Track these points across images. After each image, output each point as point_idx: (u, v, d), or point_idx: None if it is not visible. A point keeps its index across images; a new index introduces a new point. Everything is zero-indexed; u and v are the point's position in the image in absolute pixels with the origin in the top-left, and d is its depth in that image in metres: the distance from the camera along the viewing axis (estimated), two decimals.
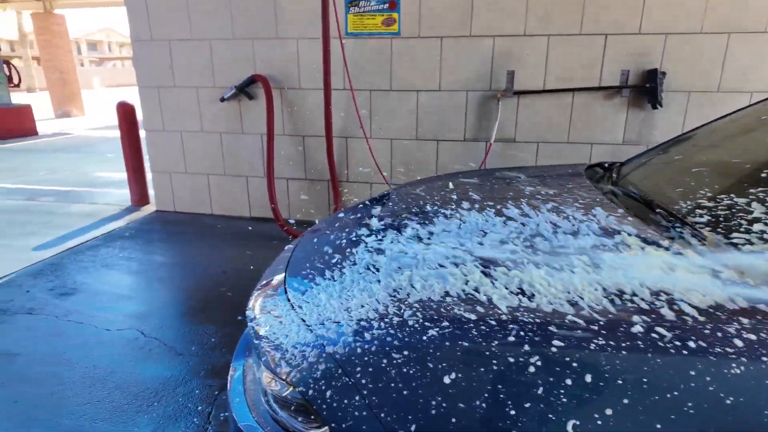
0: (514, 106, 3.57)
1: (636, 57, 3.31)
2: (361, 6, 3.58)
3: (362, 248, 1.34)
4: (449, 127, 3.73)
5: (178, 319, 2.59)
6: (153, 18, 3.96)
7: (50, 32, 14.02)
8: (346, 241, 1.44)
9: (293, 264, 1.43)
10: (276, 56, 3.83)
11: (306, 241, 1.61)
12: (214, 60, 3.96)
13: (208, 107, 4.09)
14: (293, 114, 3.96)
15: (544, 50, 3.42)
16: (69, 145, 8.93)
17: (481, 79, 3.57)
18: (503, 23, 3.42)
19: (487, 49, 3.49)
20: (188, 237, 3.86)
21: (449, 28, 3.50)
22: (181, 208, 4.45)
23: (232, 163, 4.20)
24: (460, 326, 0.92)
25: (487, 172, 2.11)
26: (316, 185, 4.12)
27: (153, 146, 4.32)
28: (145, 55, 4.08)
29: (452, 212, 1.44)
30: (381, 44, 3.65)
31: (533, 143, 3.63)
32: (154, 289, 2.96)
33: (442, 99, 3.67)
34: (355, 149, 3.95)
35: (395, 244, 1.32)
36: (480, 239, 1.25)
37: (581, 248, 1.15)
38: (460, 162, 3.77)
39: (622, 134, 3.48)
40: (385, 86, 3.74)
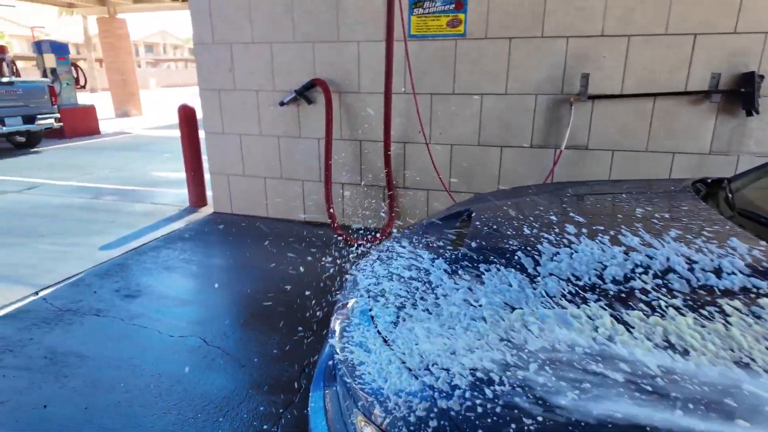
0: (588, 112, 3.34)
1: (729, 59, 3.00)
2: (426, 7, 3.46)
3: (455, 274, 1.21)
4: (515, 133, 3.54)
5: (239, 327, 2.55)
6: (215, 21, 3.99)
7: (113, 35, 14.75)
8: (434, 262, 1.32)
9: (375, 286, 1.33)
10: (336, 59, 3.77)
11: (385, 258, 1.50)
12: (274, 63, 3.94)
13: (267, 111, 4.09)
14: (351, 118, 3.89)
15: (623, 52, 3.17)
16: (129, 144, 9.31)
17: (552, 82, 3.36)
18: (578, 23, 3.19)
19: (559, 50, 3.28)
20: (245, 240, 3.86)
21: (519, 29, 3.31)
22: (237, 210, 4.48)
23: (288, 167, 4.18)
24: (607, 390, 0.77)
25: (579, 185, 1.93)
26: (371, 191, 4.03)
27: (212, 148, 4.37)
28: (206, 59, 4.12)
29: (557, 237, 1.29)
30: (444, 46, 3.50)
31: (607, 151, 3.38)
32: (213, 293, 2.96)
33: (508, 103, 3.49)
34: (413, 155, 3.82)
35: (495, 272, 1.18)
36: (598, 273, 1.10)
37: (730, 291, 0.98)
38: (526, 169, 3.57)
39: (709, 143, 3.18)
40: (447, 90, 3.59)
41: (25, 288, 2.97)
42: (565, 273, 1.11)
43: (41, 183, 5.90)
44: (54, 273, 3.18)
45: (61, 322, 2.56)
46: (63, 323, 2.55)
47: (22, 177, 6.24)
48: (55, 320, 2.58)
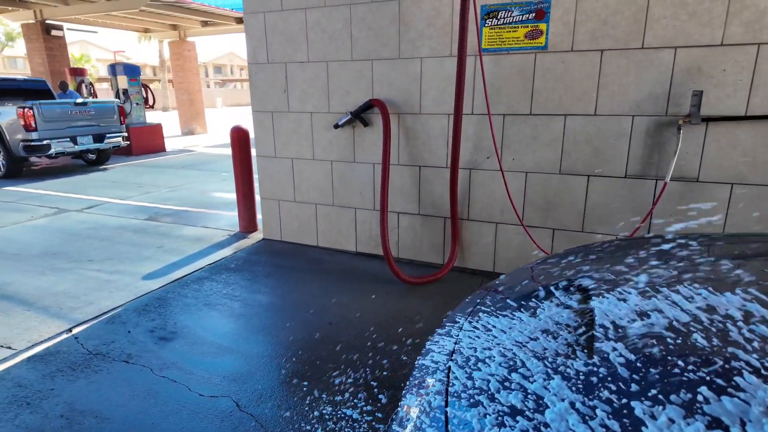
0: (701, 136, 2.75)
1: None
2: (501, 17, 3.03)
3: (590, 416, 0.76)
4: (605, 160, 2.99)
5: (278, 388, 2.19)
6: (270, 39, 3.78)
7: (182, 57, 15.46)
8: (549, 383, 0.87)
9: (459, 373, 0.90)
10: (396, 78, 3.41)
11: (467, 354, 1.07)
12: (330, 83, 3.65)
13: (321, 133, 3.79)
14: (410, 142, 3.50)
15: (750, 64, 2.57)
16: (190, 163, 9.49)
17: (653, 101, 2.80)
18: (690, 30, 2.64)
19: (665, 63, 2.73)
20: (294, 273, 3.55)
21: (613, 39, 2.80)
22: (287, 237, 4.20)
23: (341, 194, 3.85)
24: None
25: (734, 239, 1.39)
26: (430, 221, 3.60)
27: (263, 172, 4.13)
28: (260, 79, 3.91)
29: (766, 364, 0.79)
30: (522, 60, 3.05)
31: (725, 185, 2.76)
32: (255, 341, 2.63)
33: (597, 125, 2.96)
34: (480, 183, 3.36)
35: (660, 424, 0.71)
36: None
37: None
38: (619, 203, 3.00)
39: None
40: (523, 110, 3.12)
41: (61, 322, 2.79)
42: None
43: (102, 202, 5.97)
44: (93, 306, 3.00)
45: (87, 369, 2.31)
46: (89, 371, 2.30)
47: (86, 195, 6.38)
48: (82, 366, 2.34)
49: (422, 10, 3.23)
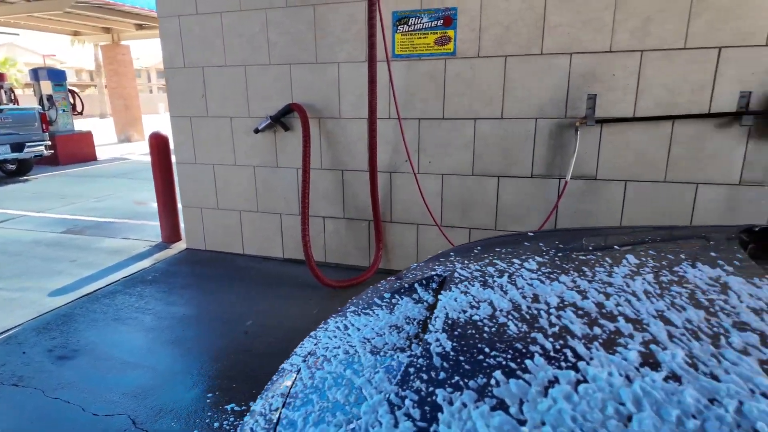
0: (596, 137, 2.92)
1: (761, 75, 2.58)
2: (411, 24, 3.10)
3: (398, 407, 0.78)
4: (514, 161, 3.12)
5: (183, 401, 2.12)
6: (186, 43, 3.68)
7: (117, 61, 14.77)
8: (373, 377, 0.89)
9: (289, 408, 0.90)
10: (315, 82, 3.42)
11: (320, 353, 1.08)
12: (249, 87, 3.60)
13: (242, 138, 3.73)
14: (332, 146, 3.51)
15: (635, 69, 2.77)
16: (122, 172, 9.05)
17: (554, 105, 2.96)
18: (583, 38, 2.81)
19: (562, 68, 2.89)
20: (215, 282, 3.46)
21: (516, 46, 2.94)
22: (212, 246, 4.09)
23: (266, 199, 3.80)
24: None
25: (575, 234, 1.49)
26: (355, 225, 3.62)
27: (184, 179, 4.01)
28: (178, 83, 3.80)
29: (557, 344, 0.85)
30: (433, 66, 3.13)
31: (620, 182, 2.95)
32: (164, 355, 2.54)
33: (505, 128, 3.09)
34: (401, 186, 3.42)
35: (456, 410, 0.75)
36: (622, 427, 0.66)
37: None
38: (528, 202, 3.14)
39: (740, 172, 2.73)
40: (436, 114, 3.21)
41: None
42: (566, 424, 0.68)
43: (17, 215, 5.58)
44: None
45: None
46: None
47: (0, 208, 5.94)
48: None
49: (338, 16, 3.25)
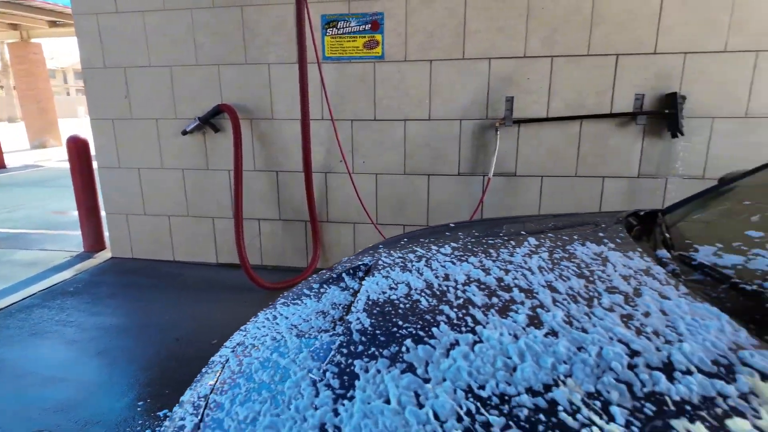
0: (515, 136, 3.15)
1: (652, 80, 2.92)
2: (340, 27, 3.18)
3: (319, 379, 0.85)
4: (442, 160, 3.29)
5: (111, 411, 2.05)
6: (107, 43, 3.52)
7: (28, 61, 13.61)
8: (297, 357, 0.95)
9: (217, 393, 0.94)
10: (245, 83, 3.40)
11: (249, 342, 1.12)
12: (175, 89, 3.51)
13: (169, 141, 3.62)
14: (266, 147, 3.50)
15: (547, 73, 3.02)
16: (36, 180, 8.38)
17: (477, 107, 3.15)
18: (500, 44, 3.02)
19: (483, 72, 3.09)
20: (144, 290, 3.33)
21: (440, 50, 3.10)
22: (139, 254, 3.92)
23: (196, 203, 3.71)
24: None
25: (492, 224, 1.63)
26: (292, 226, 3.63)
27: (107, 184, 3.82)
28: (98, 84, 3.62)
29: (460, 313, 0.96)
30: (363, 69, 3.23)
31: (536, 177, 3.19)
32: (90, 367, 2.42)
33: (433, 129, 3.24)
34: (336, 186, 3.48)
35: (371, 376, 0.83)
36: (508, 376, 0.77)
37: (687, 403, 0.67)
38: (457, 198, 3.32)
39: (638, 166, 3.06)
40: (368, 116, 3.31)
41: None
42: (463, 377, 0.78)
43: None
44: None
45: None
46: None
47: None
48: None
49: (267, 18, 3.26)
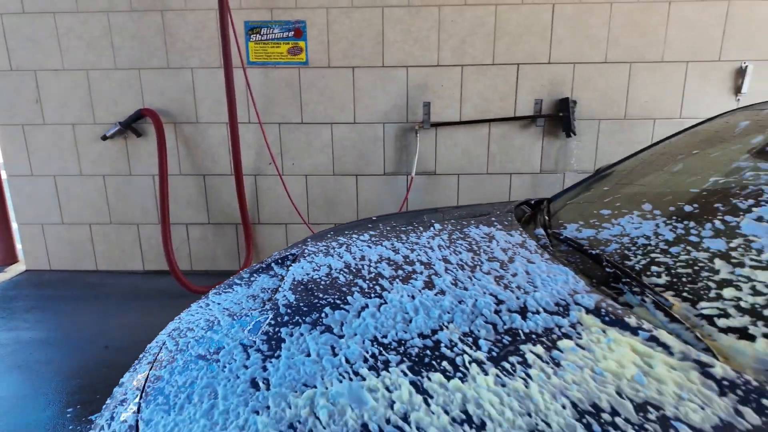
0: (433, 139, 3.42)
1: (548, 86, 3.31)
2: (264, 34, 3.27)
3: (251, 345, 1.00)
4: (368, 161, 3.49)
5: (37, 422, 2.01)
6: (12, 44, 3.35)
7: None
8: (228, 333, 1.08)
9: (156, 369, 1.05)
10: (168, 88, 3.39)
11: (183, 326, 1.23)
12: (93, 93, 3.41)
13: (88, 146, 3.51)
14: (191, 151, 3.51)
15: (458, 81, 3.32)
16: None
17: (397, 111, 3.38)
18: (416, 54, 3.28)
19: (401, 79, 3.33)
20: (65, 302, 3.20)
21: (361, 58, 3.30)
22: (58, 265, 3.74)
23: (119, 210, 3.62)
24: None
25: (408, 216, 1.85)
26: (222, 229, 3.66)
27: (19, 194, 3.62)
28: (4, 88, 3.43)
29: (371, 284, 1.14)
30: (288, 74, 3.35)
31: (453, 175, 3.49)
32: (9, 380, 2.33)
33: (358, 132, 3.43)
34: (266, 188, 3.57)
35: (295, 338, 0.99)
36: (405, 327, 0.96)
37: (533, 333, 0.90)
38: (383, 197, 3.53)
39: (540, 163, 3.45)
40: (296, 119, 3.43)
41: None
42: (370, 331, 0.96)
43: None
44: None
45: None
46: None
47: None
48: None
49: (187, 23, 3.28)
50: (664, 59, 3.22)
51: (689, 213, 1.20)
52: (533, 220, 1.70)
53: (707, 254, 1.02)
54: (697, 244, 1.07)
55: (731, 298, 0.90)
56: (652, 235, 1.18)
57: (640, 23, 3.17)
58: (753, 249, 0.97)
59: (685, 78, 3.25)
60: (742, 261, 0.95)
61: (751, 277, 0.92)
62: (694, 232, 1.11)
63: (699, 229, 1.11)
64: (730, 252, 0.99)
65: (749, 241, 0.99)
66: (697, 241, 1.07)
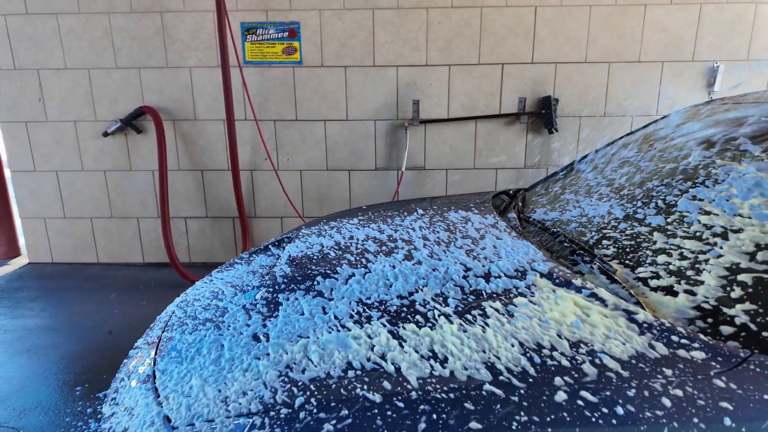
0: (422, 135, 3.58)
1: (531, 85, 3.47)
2: (259, 34, 3.41)
3: (252, 309, 1.14)
4: (360, 157, 3.63)
5: (49, 398, 2.14)
6: (16, 44, 3.47)
7: None
8: (233, 299, 1.23)
9: (168, 332, 1.19)
10: (167, 86, 3.52)
11: (190, 298, 1.37)
12: (94, 91, 3.53)
13: (89, 143, 3.63)
14: (189, 147, 3.64)
15: (446, 80, 3.47)
16: None
17: (388, 109, 3.53)
18: (405, 54, 3.43)
19: (391, 78, 3.48)
20: (68, 293, 3.33)
21: (353, 58, 3.44)
22: (60, 258, 3.86)
23: (120, 204, 3.74)
24: (363, 415, 0.75)
25: (395, 204, 2.00)
26: (220, 223, 3.79)
27: (22, 189, 3.73)
28: (7, 86, 3.54)
29: (357, 258, 1.29)
30: (283, 73, 3.49)
31: (442, 170, 3.65)
32: (18, 363, 2.46)
33: (350, 129, 3.58)
34: (262, 183, 3.71)
35: (291, 302, 1.13)
36: (386, 290, 1.11)
37: (494, 293, 1.06)
38: (375, 191, 3.68)
39: (524, 158, 3.61)
40: (290, 116, 3.57)
41: None
42: (356, 294, 1.11)
43: None
44: None
45: None
46: None
47: None
48: None
49: (185, 24, 3.41)
50: (640, 59, 3.40)
51: (637, 196, 1.36)
52: (509, 207, 1.86)
53: (647, 228, 1.18)
54: (641, 220, 1.23)
55: (663, 263, 1.06)
56: (606, 214, 1.34)
57: (617, 25, 3.34)
58: (685, 223, 1.13)
59: (661, 77, 3.43)
60: (675, 232, 1.11)
61: (680, 245, 1.07)
62: (640, 211, 1.27)
63: (644, 209, 1.27)
64: (667, 226, 1.15)
65: (683, 216, 1.15)
66: (641, 218, 1.23)
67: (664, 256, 1.08)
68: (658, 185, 1.32)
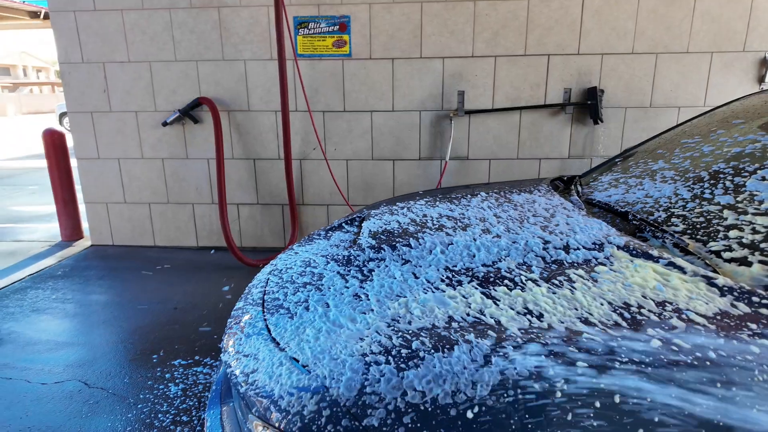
0: (466, 125, 3.65)
1: (577, 76, 3.50)
2: (311, 28, 3.55)
3: (346, 274, 1.26)
4: (405, 147, 3.74)
5: (127, 365, 2.34)
6: (84, 39, 3.70)
7: None
8: (326, 266, 1.36)
9: (269, 295, 1.33)
10: (223, 78, 3.69)
11: (281, 267, 1.50)
12: (154, 82, 3.74)
13: (148, 132, 3.85)
14: (242, 137, 3.81)
15: (491, 71, 3.54)
16: None
17: (433, 99, 3.62)
18: (452, 45, 3.51)
19: (437, 70, 3.56)
20: (131, 272, 3.56)
21: (400, 50, 3.54)
22: (120, 240, 4.11)
23: (176, 191, 3.96)
24: (479, 355, 0.86)
25: (457, 188, 2.10)
26: (269, 209, 3.96)
27: (86, 175, 3.98)
28: (75, 79, 3.79)
29: (436, 232, 1.40)
30: (333, 65, 3.62)
31: (485, 160, 3.72)
32: (97, 333, 2.68)
33: (396, 119, 3.69)
34: (310, 171, 3.85)
35: (382, 268, 1.25)
36: (471, 260, 1.22)
37: (575, 263, 1.15)
38: (418, 180, 3.78)
39: (568, 149, 3.65)
40: (338, 107, 3.70)
41: None
42: (442, 263, 1.22)
43: None
44: None
45: None
46: None
47: None
48: None
49: (241, 18, 3.57)
50: (689, 50, 3.38)
51: (703, 177, 1.42)
52: (566, 191, 1.93)
53: (717, 207, 1.24)
54: (709, 199, 1.29)
55: (735, 237, 1.13)
56: (672, 195, 1.41)
57: (665, 16, 3.34)
58: (755, 201, 1.20)
59: (710, 68, 3.41)
60: (746, 210, 1.18)
61: (752, 221, 1.14)
62: (707, 192, 1.34)
63: (712, 189, 1.33)
64: (737, 204, 1.22)
65: (753, 195, 1.22)
66: (709, 197, 1.30)
67: (735, 231, 1.15)
68: (724, 167, 1.38)
